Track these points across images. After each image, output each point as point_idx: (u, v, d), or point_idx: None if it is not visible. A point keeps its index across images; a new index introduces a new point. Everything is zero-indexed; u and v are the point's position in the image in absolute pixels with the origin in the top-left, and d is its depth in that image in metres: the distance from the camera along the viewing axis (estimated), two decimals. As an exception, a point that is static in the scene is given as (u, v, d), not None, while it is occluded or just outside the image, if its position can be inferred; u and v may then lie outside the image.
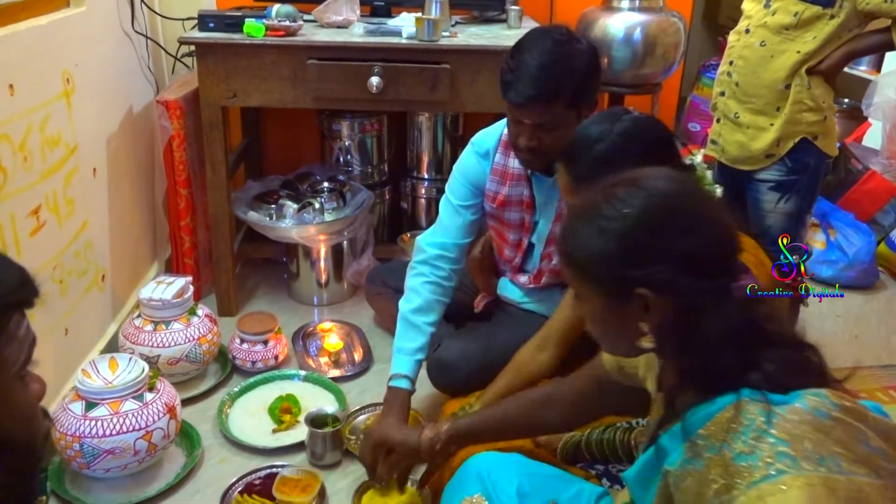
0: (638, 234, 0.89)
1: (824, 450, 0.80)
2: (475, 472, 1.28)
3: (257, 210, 2.49)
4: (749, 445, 0.82)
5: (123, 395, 1.67)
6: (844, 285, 2.90)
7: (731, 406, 0.86)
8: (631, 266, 0.89)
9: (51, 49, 1.80)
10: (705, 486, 0.85)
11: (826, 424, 0.82)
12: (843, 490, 0.78)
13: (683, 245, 0.88)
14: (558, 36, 1.57)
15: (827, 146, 1.92)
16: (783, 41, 1.86)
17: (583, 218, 0.95)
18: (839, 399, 0.85)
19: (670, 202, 0.91)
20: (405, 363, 1.72)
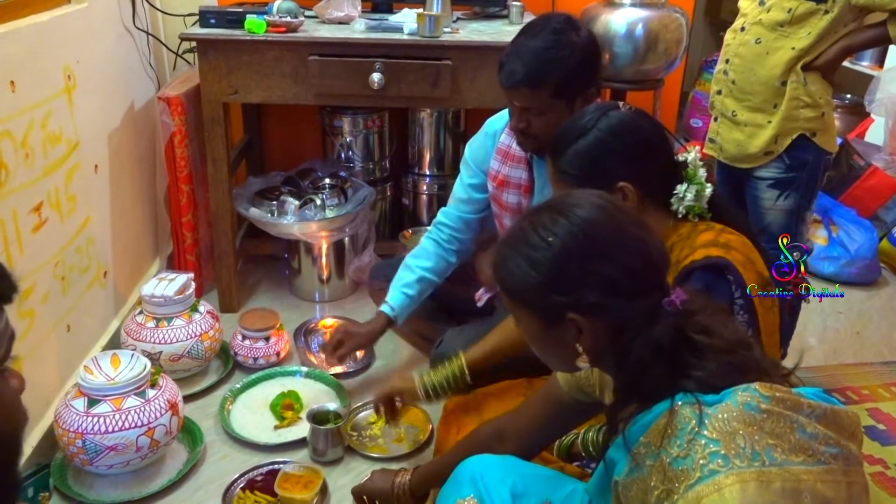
0: (563, 263, 0.93)
1: (756, 444, 0.82)
2: (468, 474, 1.28)
3: (259, 206, 2.49)
4: (684, 449, 0.85)
5: (126, 392, 1.68)
6: (846, 282, 2.90)
7: (667, 412, 0.88)
8: (559, 293, 0.93)
9: (52, 45, 1.80)
10: (648, 494, 0.88)
11: (757, 418, 0.84)
12: (779, 481, 0.80)
13: (607, 270, 0.92)
14: (556, 24, 1.59)
15: (826, 142, 1.91)
16: (778, 38, 1.86)
17: (512, 246, 0.98)
18: (770, 391, 0.86)
19: (593, 228, 0.94)
20: (392, 294, 1.90)
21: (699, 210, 1.33)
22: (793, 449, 0.83)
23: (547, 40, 1.57)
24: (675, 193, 1.32)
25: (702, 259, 1.24)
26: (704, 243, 1.27)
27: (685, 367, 0.90)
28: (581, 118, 1.34)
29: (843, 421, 0.89)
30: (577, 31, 1.59)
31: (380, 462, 1.84)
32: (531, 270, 0.95)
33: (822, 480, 0.82)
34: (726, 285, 1.23)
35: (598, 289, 0.92)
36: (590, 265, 0.93)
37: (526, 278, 0.96)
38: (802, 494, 0.81)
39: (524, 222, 0.99)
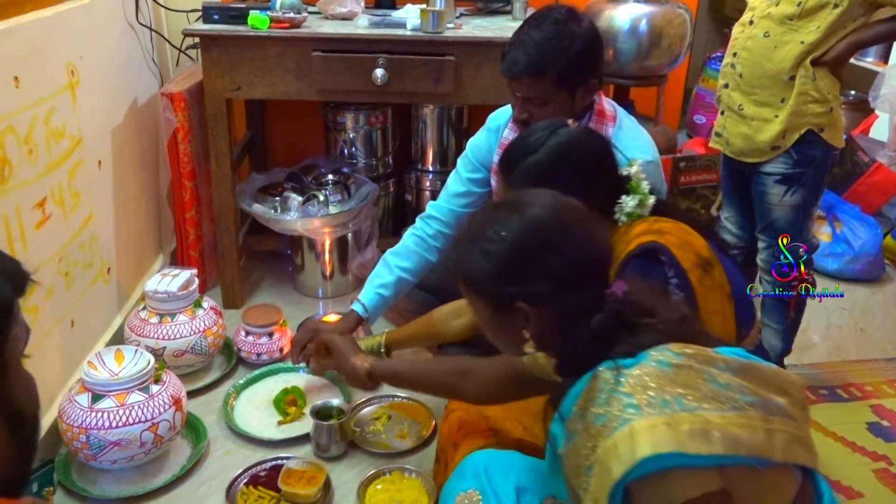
0: (514, 256, 1.03)
1: (667, 394, 0.90)
2: (472, 468, 1.29)
3: (262, 202, 2.49)
4: (604, 406, 0.94)
5: (129, 387, 1.68)
6: (850, 278, 2.90)
7: (589, 380, 0.98)
8: (510, 283, 1.03)
9: (55, 41, 1.80)
10: (579, 457, 0.96)
11: (668, 372, 0.92)
12: (687, 424, 0.88)
13: (554, 265, 1.01)
14: (558, 15, 1.62)
15: (833, 138, 1.91)
16: (787, 32, 1.85)
17: (470, 239, 1.08)
18: (682, 349, 0.95)
19: (543, 226, 1.03)
20: (367, 292, 1.91)
21: (637, 217, 1.40)
22: (704, 397, 0.90)
23: (549, 30, 1.59)
24: (618, 203, 1.39)
25: (635, 248, 1.32)
26: (638, 233, 1.34)
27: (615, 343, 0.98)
28: (530, 135, 1.40)
29: (763, 375, 0.96)
30: (579, 22, 1.61)
31: (383, 458, 1.85)
32: (485, 262, 1.04)
33: (735, 423, 0.89)
34: (660, 267, 1.29)
35: (545, 281, 1.01)
36: (538, 259, 1.01)
37: (480, 269, 1.05)
38: (712, 434, 0.87)
39: (482, 217, 1.09)
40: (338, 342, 1.71)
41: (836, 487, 1.84)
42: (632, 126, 1.74)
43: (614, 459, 0.89)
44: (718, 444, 0.87)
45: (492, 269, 1.04)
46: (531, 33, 1.60)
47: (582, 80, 1.63)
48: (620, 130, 1.70)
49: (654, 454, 0.86)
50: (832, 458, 1.94)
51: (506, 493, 1.24)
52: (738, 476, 0.90)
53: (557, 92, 1.61)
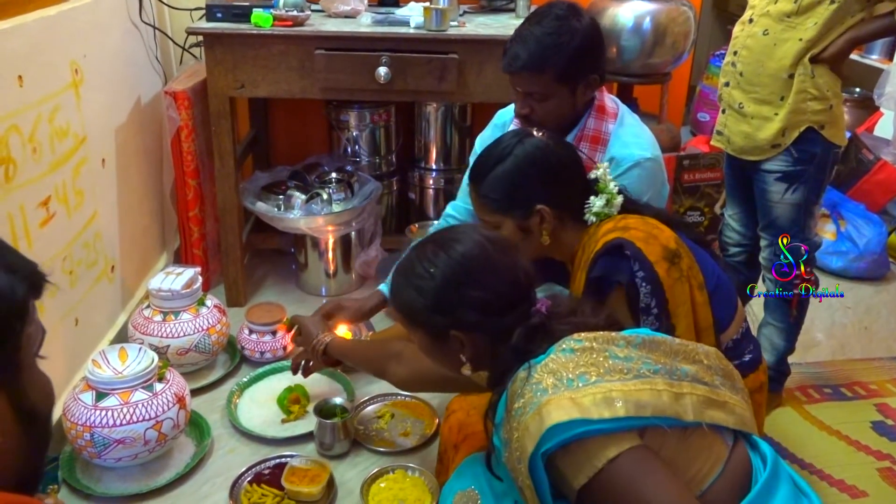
0: (443, 290, 1.12)
1: (570, 373, 0.99)
2: (471, 469, 1.30)
3: (265, 201, 2.49)
4: (520, 401, 1.02)
5: (133, 386, 1.68)
6: (854, 276, 2.89)
7: (511, 384, 1.07)
8: (442, 314, 1.13)
9: (59, 40, 1.80)
10: (513, 452, 1.03)
11: (571, 356, 1.02)
12: (590, 395, 0.97)
13: (481, 295, 1.11)
14: (558, 11, 1.64)
15: (834, 136, 1.90)
16: (785, 29, 1.84)
17: (403, 275, 1.19)
18: (584, 336, 1.05)
19: (467, 262, 1.13)
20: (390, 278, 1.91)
21: (609, 215, 1.43)
22: (608, 371, 1.00)
23: (549, 26, 1.61)
24: (587, 205, 1.43)
25: (601, 247, 1.36)
26: (605, 232, 1.38)
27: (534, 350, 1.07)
28: (498, 145, 1.45)
29: (667, 347, 1.06)
30: (580, 18, 1.63)
31: (386, 456, 1.85)
32: (418, 296, 1.14)
33: (638, 389, 0.98)
34: (626, 262, 1.33)
35: (474, 310, 1.11)
36: (466, 291, 1.11)
37: (414, 303, 1.15)
38: (614, 401, 0.96)
39: (412, 254, 1.19)
40: (307, 322, 1.79)
41: (841, 486, 1.83)
42: (633, 123, 1.74)
43: (527, 438, 0.98)
44: (622, 408, 0.96)
45: (425, 303, 1.14)
46: (532, 29, 1.63)
47: (583, 76, 1.64)
48: (622, 127, 1.70)
49: (560, 422, 0.95)
50: (836, 456, 1.94)
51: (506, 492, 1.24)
52: (657, 439, 0.98)
53: (558, 87, 1.62)
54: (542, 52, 1.59)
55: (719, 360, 1.11)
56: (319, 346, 1.72)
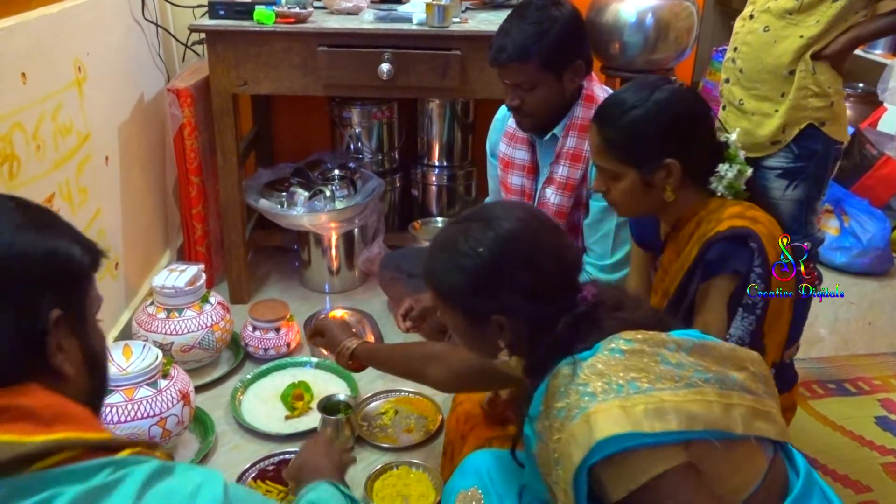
0: (489, 271, 1.04)
1: (620, 379, 0.93)
2: (474, 467, 1.29)
3: (268, 198, 2.49)
4: (564, 400, 0.97)
5: (138, 382, 1.69)
6: (858, 272, 2.89)
7: (551, 377, 1.01)
8: (485, 297, 1.05)
9: (62, 37, 1.80)
10: (549, 452, 0.99)
11: (621, 358, 0.96)
12: (642, 405, 0.91)
13: (528, 278, 1.04)
14: (538, 2, 1.69)
15: (835, 132, 1.89)
16: (786, 26, 1.83)
17: (443, 250, 1.09)
18: (633, 335, 0.98)
19: (516, 242, 1.05)
20: None
21: (737, 188, 1.35)
22: (658, 378, 0.94)
23: (530, 17, 1.66)
24: (716, 172, 1.34)
25: (726, 230, 1.27)
26: (731, 215, 1.30)
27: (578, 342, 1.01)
28: (630, 91, 1.33)
29: (718, 353, 1.00)
30: (559, 7, 1.68)
31: (390, 452, 1.85)
32: (460, 276, 1.06)
33: (690, 400, 0.93)
34: (748, 252, 1.26)
35: (520, 294, 1.03)
36: (513, 274, 1.03)
37: (455, 283, 1.07)
38: (667, 413, 0.91)
39: (455, 229, 1.10)
40: (332, 325, 1.72)
41: (845, 482, 1.83)
42: None
43: (574, 446, 0.92)
44: (673, 420, 0.90)
45: (467, 283, 1.05)
46: (514, 21, 1.68)
47: (567, 62, 1.68)
48: None
49: (611, 435, 0.90)
50: (840, 452, 1.94)
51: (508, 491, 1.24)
52: (703, 451, 0.93)
53: (544, 75, 1.66)
54: (524, 42, 1.64)
55: (762, 366, 1.05)
56: (346, 350, 1.63)
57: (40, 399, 0.71)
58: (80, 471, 0.67)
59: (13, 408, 0.68)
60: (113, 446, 0.71)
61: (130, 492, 0.67)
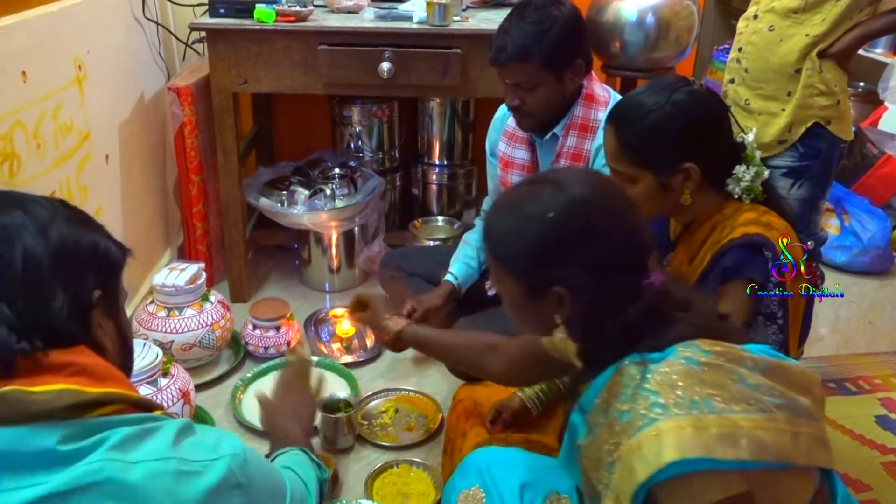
0: (556, 238, 0.96)
1: (695, 394, 0.86)
2: (475, 466, 1.29)
3: (269, 196, 2.49)
4: (628, 403, 0.90)
5: (138, 381, 1.68)
6: (859, 271, 2.88)
7: (615, 372, 0.94)
8: (548, 266, 0.96)
9: (62, 36, 1.80)
10: (601, 451, 0.93)
11: (696, 370, 0.88)
12: (715, 427, 0.84)
13: (597, 250, 0.95)
14: (538, 1, 1.69)
15: (841, 131, 1.89)
16: (792, 25, 1.83)
17: (508, 214, 1.01)
18: (711, 346, 0.91)
19: (588, 210, 0.97)
20: (455, 265, 2.02)
21: (756, 192, 1.32)
22: (733, 398, 0.86)
23: (530, 16, 1.66)
24: (733, 174, 1.31)
25: (740, 237, 1.25)
26: (745, 222, 1.27)
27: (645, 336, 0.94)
28: (648, 93, 1.30)
29: (790, 375, 0.92)
30: (559, 6, 1.68)
31: (390, 450, 1.85)
32: (524, 242, 0.97)
33: (763, 427, 0.86)
34: (762, 261, 1.24)
35: (586, 266, 0.95)
36: (581, 244, 0.95)
37: (517, 248, 0.98)
38: (739, 439, 0.84)
39: (522, 191, 1.02)
40: (377, 299, 1.64)
41: (845, 481, 1.83)
42: None
43: (639, 461, 0.86)
44: (745, 449, 0.84)
45: (531, 250, 0.97)
46: (514, 21, 1.67)
47: (568, 62, 1.68)
48: None
49: (681, 459, 0.84)
50: (840, 451, 1.94)
51: (509, 490, 1.23)
52: (763, 480, 0.87)
53: (544, 74, 1.66)
54: (524, 41, 1.63)
55: (821, 388, 0.99)
56: (391, 329, 1.53)
57: (93, 360, 0.84)
58: (128, 419, 0.80)
59: (73, 364, 0.81)
60: (149, 406, 0.86)
61: (168, 437, 0.81)
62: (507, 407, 1.56)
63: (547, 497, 1.23)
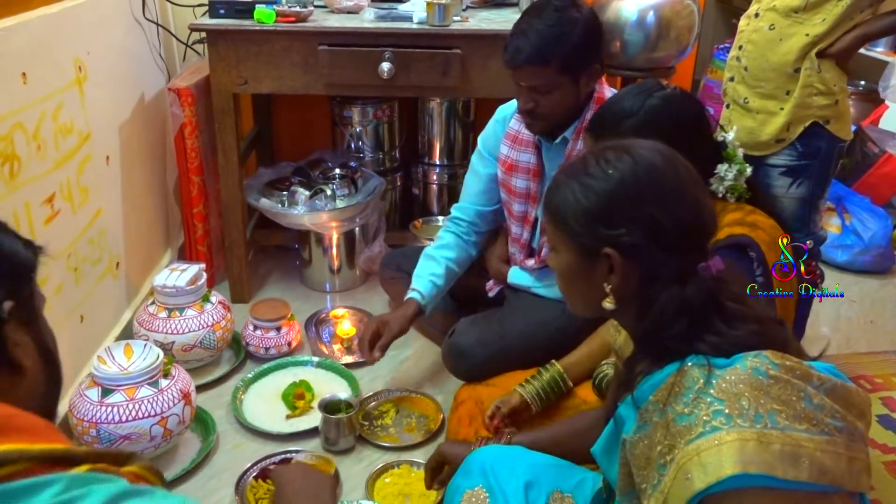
0: (615, 196, 0.93)
1: (761, 407, 0.83)
2: (478, 465, 1.28)
3: (269, 197, 2.49)
4: (689, 406, 0.86)
5: (139, 382, 1.69)
6: (860, 270, 2.88)
7: (676, 372, 0.90)
8: (603, 225, 0.93)
9: (62, 37, 1.80)
10: (652, 450, 0.90)
11: (764, 383, 0.85)
12: (778, 443, 0.81)
13: (657, 216, 0.92)
14: (557, 3, 1.63)
15: (840, 130, 1.89)
16: (792, 24, 1.83)
17: (571, 173, 0.99)
18: (780, 359, 0.87)
19: (653, 173, 0.94)
20: (420, 282, 1.89)
21: (740, 190, 1.33)
22: (797, 416, 0.84)
23: (550, 18, 1.61)
24: (715, 173, 1.32)
25: (724, 238, 1.26)
26: (730, 222, 1.28)
27: (704, 329, 0.91)
28: (624, 100, 1.32)
29: (852, 398, 0.90)
30: (579, 9, 1.63)
31: (391, 451, 1.85)
32: (582, 197, 0.95)
33: (823, 450, 0.83)
34: (748, 262, 1.24)
35: (643, 231, 0.92)
36: (641, 206, 0.92)
37: (576, 204, 0.96)
38: (801, 459, 0.82)
39: (588, 154, 1.00)
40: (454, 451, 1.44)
41: (846, 480, 1.83)
42: None
43: (697, 468, 0.84)
44: (805, 470, 0.82)
45: (588, 206, 0.94)
46: (532, 22, 1.62)
47: (585, 66, 1.64)
48: None
49: (741, 474, 0.81)
50: (842, 450, 1.93)
51: (513, 489, 1.23)
52: (810, 499, 0.85)
53: (562, 79, 1.62)
54: (544, 45, 1.59)
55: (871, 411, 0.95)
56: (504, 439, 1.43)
57: None
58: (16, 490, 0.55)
59: None
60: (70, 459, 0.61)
61: None
62: (507, 403, 1.57)
63: (550, 495, 1.23)
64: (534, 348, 1.74)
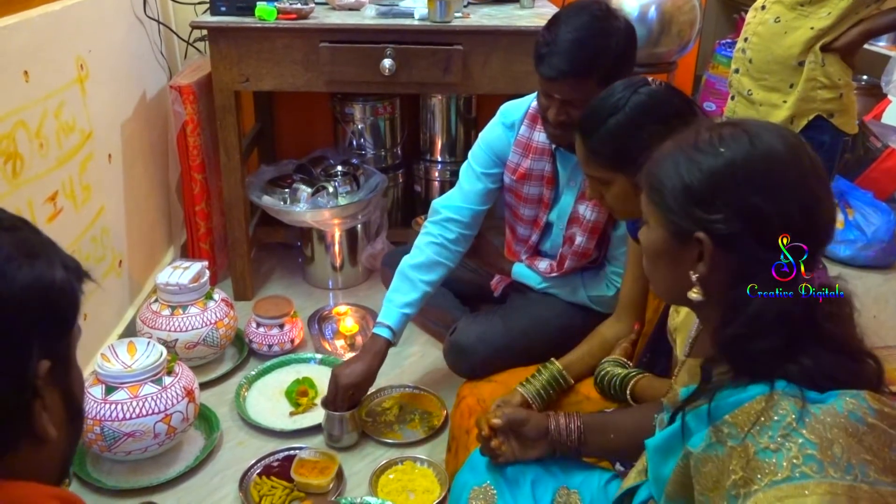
0: (720, 177, 0.84)
1: (854, 457, 0.76)
2: (484, 461, 1.28)
3: (271, 194, 2.49)
4: (776, 442, 0.79)
5: (142, 379, 1.69)
6: (863, 265, 2.88)
7: (763, 397, 0.81)
8: (700, 206, 0.85)
9: (64, 35, 1.80)
10: (724, 475, 0.83)
11: (860, 430, 0.78)
12: (867, 500, 0.75)
13: (763, 207, 0.82)
14: (596, 11, 1.54)
15: (844, 124, 1.89)
16: (798, 17, 1.83)
17: (679, 146, 0.90)
18: (878, 404, 0.80)
19: (770, 160, 0.84)
20: (391, 314, 1.79)
21: None
22: (886, 469, 0.77)
23: (590, 28, 1.52)
24: None
25: None
26: None
27: (798, 349, 0.82)
28: (610, 96, 1.31)
29: None
30: (617, 18, 1.55)
31: (395, 447, 1.85)
32: (685, 171, 0.87)
33: None
34: None
35: (743, 220, 0.83)
36: (748, 193, 0.83)
37: (676, 178, 0.88)
38: None
39: (702, 127, 0.91)
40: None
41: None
42: None
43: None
44: None
45: (689, 182, 0.86)
46: (571, 33, 1.52)
47: (623, 76, 1.54)
48: None
49: None
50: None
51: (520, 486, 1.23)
52: None
53: (599, 91, 1.49)
54: (586, 57, 1.50)
55: None
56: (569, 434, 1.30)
57: None
58: None
59: None
60: None
61: None
62: (508, 402, 1.56)
63: (556, 492, 1.23)
64: (536, 346, 1.74)
